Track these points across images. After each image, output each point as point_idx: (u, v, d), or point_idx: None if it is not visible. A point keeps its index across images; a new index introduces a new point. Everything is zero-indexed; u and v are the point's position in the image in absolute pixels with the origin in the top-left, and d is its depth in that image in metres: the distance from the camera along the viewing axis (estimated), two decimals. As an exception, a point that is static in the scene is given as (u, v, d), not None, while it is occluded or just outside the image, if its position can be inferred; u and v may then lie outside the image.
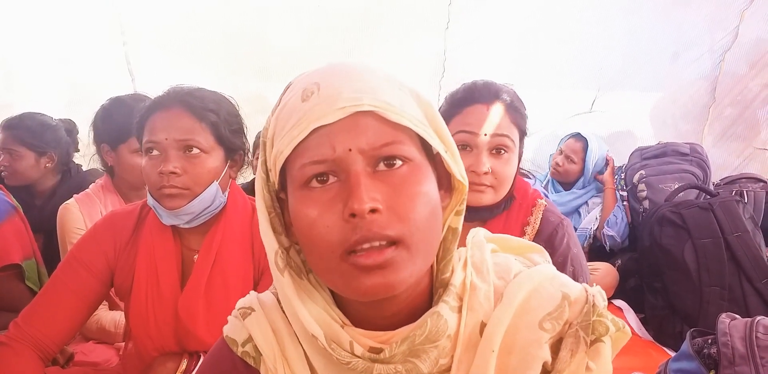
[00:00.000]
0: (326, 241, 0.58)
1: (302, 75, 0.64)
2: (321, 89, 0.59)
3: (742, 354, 1.34)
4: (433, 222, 0.60)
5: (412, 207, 0.58)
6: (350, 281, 0.58)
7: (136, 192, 1.95)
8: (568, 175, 3.03)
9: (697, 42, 3.50)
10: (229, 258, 1.30)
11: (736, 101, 3.48)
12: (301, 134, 0.58)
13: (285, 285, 0.65)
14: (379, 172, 0.59)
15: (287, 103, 0.62)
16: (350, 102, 0.58)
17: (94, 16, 3.14)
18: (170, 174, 1.20)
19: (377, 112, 0.58)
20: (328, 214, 0.58)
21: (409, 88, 0.63)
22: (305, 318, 0.64)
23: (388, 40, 3.44)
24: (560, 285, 0.68)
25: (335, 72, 0.62)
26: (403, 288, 0.59)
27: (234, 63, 3.34)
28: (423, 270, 0.62)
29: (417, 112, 0.61)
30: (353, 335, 0.64)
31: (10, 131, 2.18)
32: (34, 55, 3.25)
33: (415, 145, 0.61)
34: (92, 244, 1.31)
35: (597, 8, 3.47)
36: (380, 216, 0.57)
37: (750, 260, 2.12)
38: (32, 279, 1.65)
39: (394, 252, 0.57)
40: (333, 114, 0.58)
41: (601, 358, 0.65)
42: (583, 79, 3.69)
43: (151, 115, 1.24)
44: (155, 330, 1.28)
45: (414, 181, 0.59)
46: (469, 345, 0.65)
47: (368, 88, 0.59)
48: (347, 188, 0.57)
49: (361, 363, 0.62)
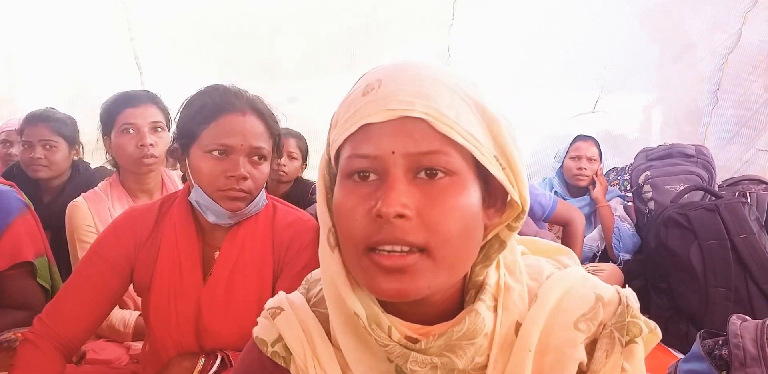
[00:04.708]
0: (353, 234, 0.59)
1: (376, 68, 0.65)
2: (381, 87, 0.60)
3: (754, 355, 1.35)
4: (465, 238, 0.60)
5: (444, 220, 0.58)
6: (369, 278, 0.60)
7: (140, 187, 1.95)
8: (589, 179, 2.91)
9: (699, 44, 3.52)
10: (250, 255, 1.31)
11: (739, 103, 3.50)
12: (352, 128, 0.60)
13: (333, 262, 0.65)
14: (419, 179, 0.59)
15: (352, 94, 0.63)
16: (401, 105, 0.58)
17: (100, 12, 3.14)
18: (242, 178, 1.23)
19: (427, 120, 0.58)
20: (360, 208, 0.59)
21: (476, 100, 0.61)
22: (349, 296, 0.64)
23: (392, 39, 3.44)
24: (593, 286, 0.69)
25: (400, 72, 0.61)
26: (419, 296, 0.59)
27: (240, 61, 3.35)
28: (446, 283, 0.62)
29: (475, 126, 0.60)
30: (392, 321, 0.64)
31: (46, 123, 2.20)
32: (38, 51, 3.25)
33: (464, 158, 0.60)
34: (113, 240, 1.32)
35: (601, 9, 3.49)
36: (406, 222, 0.57)
37: (756, 262, 2.13)
38: (44, 276, 1.65)
39: (417, 259, 0.58)
40: (382, 114, 0.58)
41: (635, 359, 0.66)
42: (586, 79, 3.71)
43: (221, 115, 1.24)
44: (176, 326, 1.28)
45: (452, 194, 0.59)
46: (505, 345, 0.66)
47: (425, 94, 0.58)
48: (383, 188, 0.58)
49: (398, 348, 0.63)
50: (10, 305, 1.63)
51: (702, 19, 3.46)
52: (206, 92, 1.29)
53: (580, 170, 2.90)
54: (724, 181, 2.92)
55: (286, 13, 3.30)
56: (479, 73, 3.57)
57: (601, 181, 2.92)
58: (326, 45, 3.41)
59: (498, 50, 3.53)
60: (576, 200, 2.95)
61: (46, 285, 1.66)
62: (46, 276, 1.67)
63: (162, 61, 3.25)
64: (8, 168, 2.44)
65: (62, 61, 3.25)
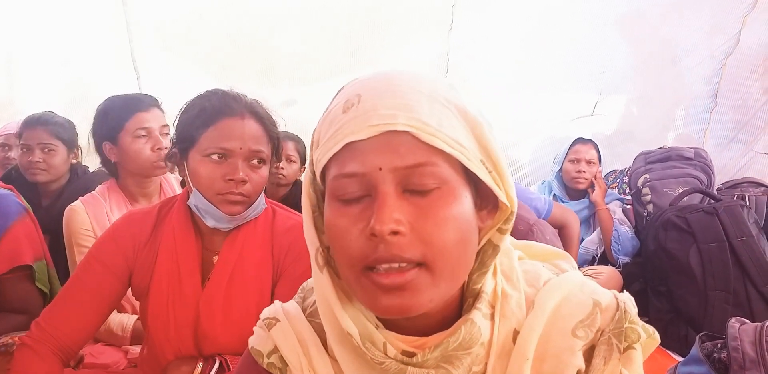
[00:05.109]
0: (349, 255, 0.59)
1: (352, 81, 0.64)
2: (360, 102, 0.59)
3: (753, 358, 1.35)
4: (461, 247, 0.59)
5: (438, 232, 0.57)
6: (369, 297, 0.59)
7: (141, 191, 1.94)
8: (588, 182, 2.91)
9: (698, 47, 3.52)
10: (249, 260, 1.31)
11: (738, 106, 3.50)
12: (336, 147, 0.59)
13: (323, 281, 0.65)
14: (409, 192, 0.58)
15: (332, 110, 0.63)
16: (384, 120, 0.57)
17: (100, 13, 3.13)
18: (240, 182, 1.23)
19: (411, 132, 0.57)
20: (354, 228, 0.58)
21: (456, 104, 0.61)
22: (341, 315, 0.64)
23: (392, 40, 3.43)
24: (591, 292, 0.69)
25: (378, 84, 0.61)
26: (422, 311, 0.59)
27: (238, 64, 3.34)
28: (447, 294, 0.61)
29: (458, 131, 0.59)
30: (387, 337, 0.64)
31: (44, 126, 2.20)
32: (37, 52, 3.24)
33: (451, 165, 0.59)
34: (111, 244, 1.32)
35: (600, 11, 3.49)
36: (402, 238, 0.56)
37: (755, 264, 2.13)
38: (42, 280, 1.65)
39: (415, 275, 0.57)
40: (366, 131, 0.57)
41: (633, 365, 0.65)
42: (586, 81, 3.71)
43: (220, 119, 1.24)
44: (174, 331, 1.28)
45: (443, 204, 0.58)
46: (503, 353, 0.65)
47: (405, 106, 0.58)
48: (374, 206, 0.57)
49: (395, 364, 0.63)
50: (9, 309, 1.63)
51: (701, 22, 3.46)
52: (205, 96, 1.29)
53: (579, 173, 2.90)
54: (723, 184, 2.92)
55: (285, 14, 3.30)
56: (479, 75, 3.58)
57: (600, 183, 2.92)
58: (325, 47, 3.40)
59: (498, 52, 3.53)
60: (575, 203, 2.94)
61: (44, 289, 1.66)
62: (45, 280, 1.66)
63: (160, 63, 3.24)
64: (7, 171, 2.43)
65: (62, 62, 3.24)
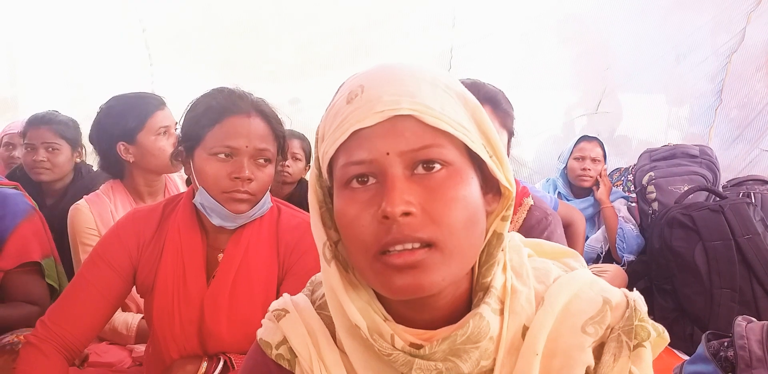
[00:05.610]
0: (362, 240, 0.60)
1: (353, 76, 0.66)
2: (364, 92, 0.61)
3: (759, 357, 1.35)
4: (470, 227, 0.60)
5: (448, 212, 0.58)
6: (383, 279, 0.60)
7: (148, 189, 1.94)
8: (593, 179, 2.90)
9: (702, 44, 3.51)
10: (254, 258, 1.31)
11: (743, 103, 3.48)
12: (343, 136, 0.60)
13: (331, 275, 0.66)
14: (417, 175, 0.60)
15: (335, 104, 0.64)
16: (388, 106, 0.59)
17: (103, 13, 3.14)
18: (246, 180, 1.23)
19: (415, 115, 0.58)
20: (364, 214, 0.59)
21: (456, 90, 0.63)
22: (349, 307, 0.64)
23: (396, 38, 3.45)
24: (600, 289, 0.69)
25: (379, 75, 0.63)
26: (435, 290, 0.60)
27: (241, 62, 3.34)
28: (459, 274, 0.62)
29: (461, 116, 0.61)
30: (395, 329, 0.64)
31: (48, 125, 2.21)
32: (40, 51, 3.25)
33: (457, 148, 0.61)
34: (115, 242, 1.32)
35: (603, 9, 3.48)
36: (413, 219, 0.58)
37: (761, 262, 2.12)
38: (51, 276, 1.66)
39: (426, 254, 0.58)
40: (372, 117, 0.59)
41: (643, 363, 0.65)
42: (590, 79, 3.70)
43: (226, 117, 1.24)
44: (179, 329, 1.28)
45: (451, 185, 0.59)
46: (512, 348, 0.65)
47: (408, 92, 0.60)
48: (383, 190, 0.58)
49: (402, 356, 0.63)
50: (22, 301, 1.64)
51: (705, 20, 3.45)
52: (211, 95, 1.29)
53: (584, 171, 2.90)
54: (729, 182, 2.90)
55: (288, 13, 3.30)
56: (482, 72, 3.57)
57: (605, 181, 2.92)
58: (328, 45, 3.41)
59: (500, 50, 3.53)
60: (580, 201, 2.94)
61: (54, 284, 1.68)
62: (54, 276, 1.68)
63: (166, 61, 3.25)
64: (11, 171, 2.44)
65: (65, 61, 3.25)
